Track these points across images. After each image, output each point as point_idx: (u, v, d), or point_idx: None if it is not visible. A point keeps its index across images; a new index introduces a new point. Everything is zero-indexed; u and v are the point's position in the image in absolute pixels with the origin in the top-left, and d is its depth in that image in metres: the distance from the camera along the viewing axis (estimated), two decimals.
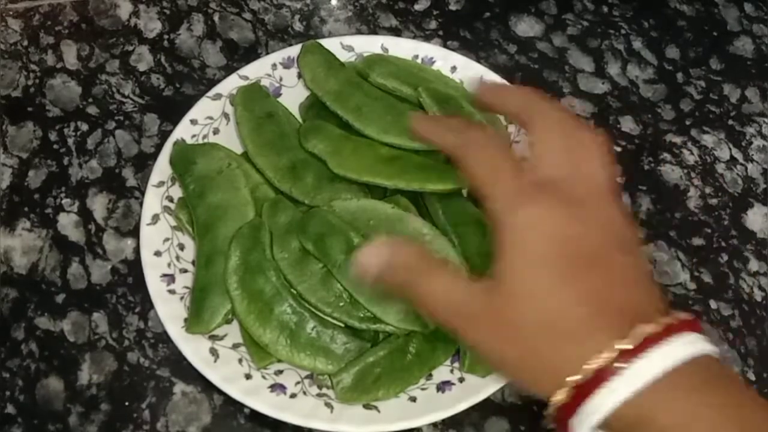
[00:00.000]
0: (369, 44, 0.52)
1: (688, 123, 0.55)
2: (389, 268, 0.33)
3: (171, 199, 0.46)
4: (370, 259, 0.34)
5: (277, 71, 0.51)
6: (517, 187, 0.33)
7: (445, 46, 0.56)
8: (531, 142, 0.36)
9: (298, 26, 0.58)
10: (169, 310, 0.42)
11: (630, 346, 0.29)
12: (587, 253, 0.32)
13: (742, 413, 0.29)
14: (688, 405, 0.29)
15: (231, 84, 0.50)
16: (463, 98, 0.48)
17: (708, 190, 0.53)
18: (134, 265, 0.48)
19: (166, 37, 0.57)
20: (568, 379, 0.29)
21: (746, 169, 0.54)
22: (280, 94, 0.51)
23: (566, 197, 0.33)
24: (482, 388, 0.41)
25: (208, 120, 0.49)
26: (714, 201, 0.52)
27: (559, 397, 0.30)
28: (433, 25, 0.58)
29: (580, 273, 0.31)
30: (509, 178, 0.34)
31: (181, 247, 0.45)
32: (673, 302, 0.48)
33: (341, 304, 0.42)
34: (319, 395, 0.41)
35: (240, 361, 0.42)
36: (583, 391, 0.29)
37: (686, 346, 0.30)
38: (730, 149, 0.55)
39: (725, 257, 0.50)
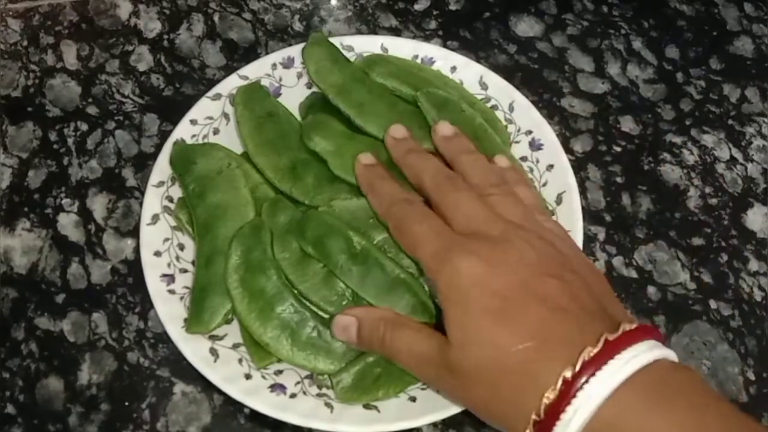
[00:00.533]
0: (369, 44, 0.52)
1: (688, 123, 0.55)
2: (361, 333, 0.39)
3: (171, 199, 0.46)
4: (344, 328, 0.40)
5: (276, 71, 0.51)
6: (438, 247, 0.36)
7: (445, 46, 0.56)
8: (435, 207, 0.39)
9: (297, 26, 0.58)
10: (169, 310, 0.42)
11: (572, 372, 0.30)
12: (518, 289, 0.33)
13: (697, 415, 0.30)
14: (643, 415, 0.30)
15: (231, 84, 0.50)
16: (462, 100, 0.48)
17: (708, 190, 0.53)
18: (134, 265, 0.48)
19: (165, 37, 0.57)
20: (532, 417, 0.31)
21: (746, 169, 0.54)
22: (280, 94, 0.51)
23: (486, 240, 0.35)
24: None
25: (208, 120, 0.49)
26: (714, 201, 0.52)
27: (533, 419, 0.31)
28: (433, 25, 0.58)
29: (515, 310, 0.33)
30: (431, 241, 0.37)
31: (181, 247, 0.45)
32: (672, 302, 0.48)
33: (344, 302, 0.42)
34: (319, 395, 0.41)
35: (240, 361, 0.42)
36: (545, 426, 0.30)
37: (637, 358, 0.30)
38: (730, 149, 0.55)
39: (725, 257, 0.50)
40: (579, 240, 0.44)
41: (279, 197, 0.46)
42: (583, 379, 0.30)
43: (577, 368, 0.30)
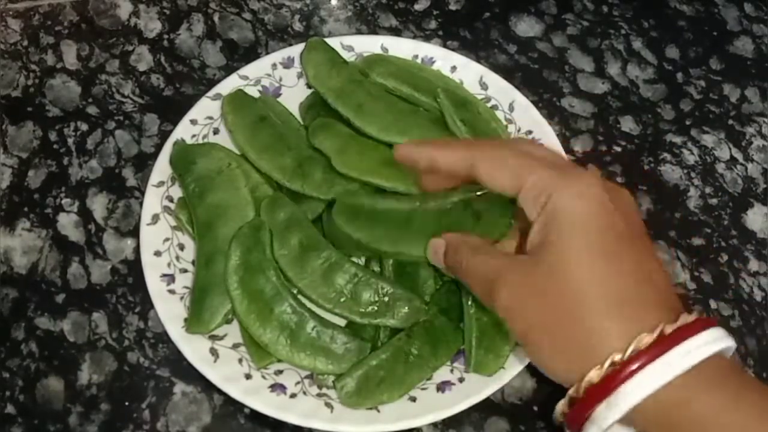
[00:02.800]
0: (369, 44, 0.52)
1: (688, 123, 0.55)
2: (446, 256, 0.38)
3: (171, 199, 0.46)
4: (435, 252, 0.39)
5: (277, 71, 0.51)
6: (552, 172, 0.33)
7: (444, 46, 0.56)
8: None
9: (298, 26, 0.58)
10: (169, 310, 0.42)
11: (670, 330, 0.29)
12: (628, 233, 0.32)
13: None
14: (726, 391, 0.29)
15: (231, 84, 0.50)
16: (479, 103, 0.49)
17: (708, 190, 0.53)
18: (134, 265, 0.48)
19: (166, 37, 0.57)
20: (613, 357, 0.29)
21: (746, 169, 0.54)
22: (280, 94, 0.51)
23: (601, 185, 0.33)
24: (482, 388, 0.41)
25: (208, 120, 0.49)
26: (714, 201, 0.52)
27: (593, 376, 0.29)
28: (433, 25, 0.58)
29: (625, 250, 0.31)
30: (543, 167, 0.34)
31: (181, 247, 0.45)
32: None
33: (342, 299, 0.42)
34: (319, 395, 0.41)
35: (240, 361, 0.42)
36: (619, 373, 0.29)
37: (720, 339, 0.30)
38: (730, 149, 0.55)
39: (725, 257, 0.50)
40: None
41: (278, 194, 0.46)
42: (680, 341, 0.29)
43: (651, 340, 0.29)
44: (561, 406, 0.32)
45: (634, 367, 0.29)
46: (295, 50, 0.51)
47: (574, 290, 0.31)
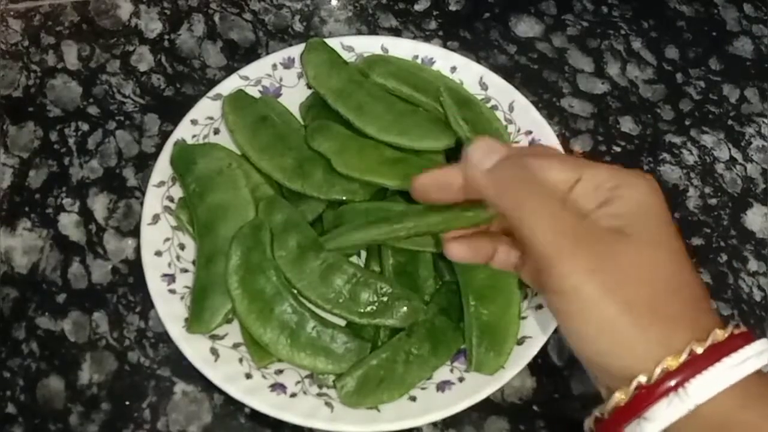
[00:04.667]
0: (369, 44, 0.52)
1: (687, 123, 0.56)
2: (499, 175, 0.31)
3: (171, 199, 0.46)
4: (484, 152, 0.31)
5: (277, 71, 0.51)
6: (609, 167, 0.32)
7: (445, 46, 0.56)
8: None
9: (298, 27, 0.58)
10: (170, 310, 0.43)
11: (700, 350, 0.28)
12: (682, 251, 0.31)
13: None
14: (753, 415, 0.28)
15: (231, 84, 0.50)
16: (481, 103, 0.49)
17: (707, 190, 0.53)
18: (135, 265, 0.48)
19: (166, 37, 0.57)
20: (639, 379, 0.28)
21: (745, 169, 0.54)
22: (281, 95, 0.51)
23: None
24: (482, 387, 0.41)
25: (209, 120, 0.49)
26: (713, 201, 0.53)
27: (619, 397, 0.28)
28: (433, 25, 0.59)
29: (684, 259, 0.30)
30: (597, 165, 0.32)
31: (182, 246, 0.45)
32: None
33: (341, 300, 0.42)
34: (319, 395, 0.41)
35: (240, 360, 0.42)
36: (644, 397, 0.28)
37: (755, 356, 0.28)
38: (729, 149, 0.55)
39: (724, 257, 0.50)
40: None
41: (275, 196, 0.46)
42: (682, 381, 0.28)
43: (680, 362, 0.28)
44: (587, 424, 0.31)
45: (659, 390, 0.28)
46: (296, 50, 0.51)
47: (646, 292, 0.29)
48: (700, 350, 0.28)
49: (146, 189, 0.46)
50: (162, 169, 0.47)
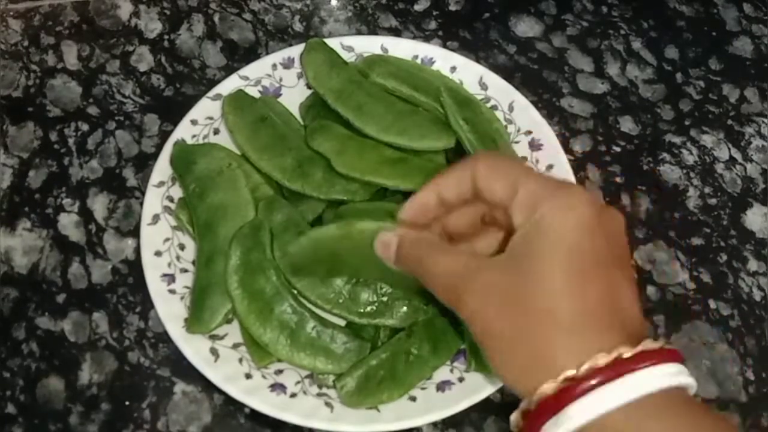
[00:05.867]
0: (369, 44, 0.52)
1: (687, 123, 0.56)
2: (400, 251, 0.36)
3: (171, 199, 0.46)
4: (385, 246, 0.37)
5: (277, 71, 0.51)
6: (546, 183, 0.33)
7: (444, 46, 0.56)
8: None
9: (298, 27, 0.58)
10: (170, 310, 0.43)
11: (629, 354, 0.29)
12: (609, 257, 0.32)
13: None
14: (679, 424, 0.29)
15: (231, 84, 0.50)
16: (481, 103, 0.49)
17: (707, 190, 0.53)
18: (135, 265, 0.48)
19: (166, 37, 0.57)
20: (567, 372, 0.29)
21: (745, 169, 0.54)
22: (280, 95, 0.51)
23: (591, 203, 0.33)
24: (482, 387, 0.41)
25: (209, 120, 0.49)
26: (713, 201, 0.53)
27: (546, 389, 0.29)
28: (433, 25, 0.59)
29: (600, 273, 0.31)
30: (537, 177, 0.33)
31: (182, 247, 0.45)
32: (672, 302, 0.49)
33: (340, 300, 0.42)
34: (319, 395, 0.41)
35: (240, 360, 0.42)
36: (571, 390, 0.29)
37: (678, 373, 0.29)
38: (729, 149, 0.55)
39: (724, 257, 0.50)
40: None
41: (274, 197, 0.46)
42: (638, 366, 0.29)
43: (608, 361, 0.29)
44: (514, 417, 0.31)
45: (585, 385, 0.29)
46: (295, 51, 0.51)
47: (542, 303, 0.31)
48: (627, 354, 0.29)
49: (146, 189, 0.46)
50: (162, 169, 0.47)
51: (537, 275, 0.31)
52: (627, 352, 0.29)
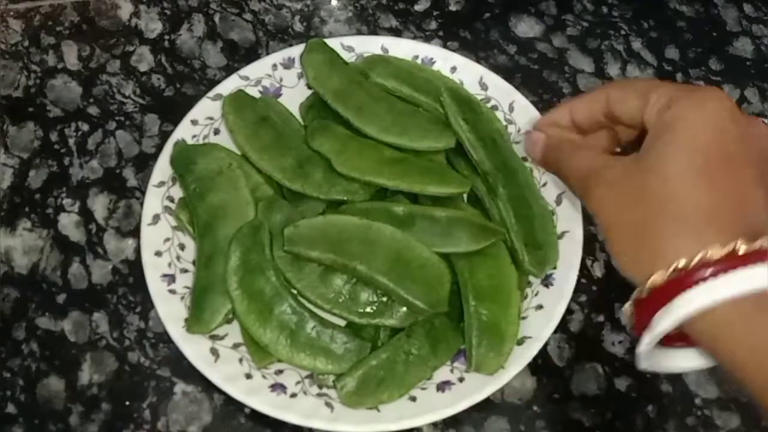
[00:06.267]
0: (369, 45, 0.52)
1: None
2: (546, 149, 0.40)
3: (172, 199, 0.46)
4: (534, 143, 0.41)
5: (277, 72, 0.51)
6: (679, 86, 0.34)
7: (445, 46, 0.56)
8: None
9: (298, 27, 0.58)
10: (170, 310, 0.43)
11: (745, 249, 0.29)
12: (740, 157, 0.32)
13: None
14: (764, 329, 0.28)
15: (231, 84, 0.50)
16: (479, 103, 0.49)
17: None
18: (135, 265, 0.48)
19: (166, 37, 0.57)
20: (679, 262, 0.29)
21: None
22: (281, 95, 0.51)
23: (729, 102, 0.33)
24: (482, 387, 0.41)
25: (209, 120, 0.49)
26: None
27: (657, 278, 0.30)
28: (433, 25, 0.59)
29: (728, 171, 0.31)
30: (669, 84, 0.34)
31: (182, 247, 0.45)
32: None
33: (340, 300, 0.42)
34: (319, 395, 0.41)
35: (240, 360, 0.42)
36: (682, 280, 0.29)
37: None
38: None
39: None
40: (579, 239, 0.45)
41: (274, 197, 0.46)
42: (750, 263, 0.29)
43: (723, 254, 0.29)
44: (627, 307, 0.32)
45: (696, 276, 0.29)
46: (296, 51, 0.51)
47: (664, 195, 0.31)
48: (742, 250, 0.29)
49: (146, 189, 0.46)
50: (162, 169, 0.47)
51: (662, 169, 0.32)
52: (743, 248, 0.29)
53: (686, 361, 0.33)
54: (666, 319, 0.29)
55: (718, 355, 0.30)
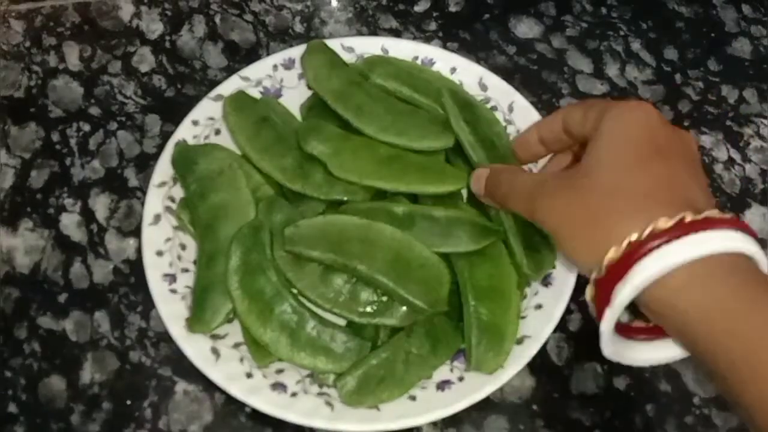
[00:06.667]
0: (369, 45, 0.52)
1: (686, 124, 0.56)
2: (488, 181, 0.42)
3: (173, 199, 0.47)
4: (478, 178, 0.43)
5: (278, 72, 0.51)
6: (612, 102, 0.37)
7: (444, 47, 0.56)
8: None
9: (298, 27, 0.58)
10: (171, 310, 0.43)
11: (691, 218, 0.30)
12: (670, 150, 0.34)
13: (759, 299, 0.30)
14: (742, 285, 0.30)
15: (232, 85, 0.50)
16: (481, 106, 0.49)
17: None
18: (136, 265, 0.48)
19: (167, 38, 0.57)
20: (631, 237, 0.31)
21: (744, 169, 0.54)
22: (281, 95, 0.51)
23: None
24: (481, 386, 0.41)
25: (210, 121, 0.49)
26: None
27: (612, 254, 0.31)
28: (433, 26, 0.59)
29: (661, 160, 0.34)
30: (604, 100, 0.38)
31: (183, 246, 0.46)
32: None
33: (341, 299, 0.43)
34: (319, 394, 0.41)
35: (241, 360, 0.42)
36: (636, 251, 0.30)
37: (744, 240, 0.30)
38: (728, 150, 0.55)
39: None
40: None
41: (274, 197, 0.46)
42: (672, 236, 0.30)
43: (671, 224, 0.30)
44: (588, 289, 0.33)
45: (649, 245, 0.30)
46: (296, 51, 0.51)
47: (609, 186, 0.33)
48: (689, 218, 0.30)
49: (147, 189, 0.46)
50: (163, 169, 0.47)
51: (602, 165, 0.34)
52: (690, 218, 0.30)
53: (648, 352, 0.34)
54: (624, 289, 0.31)
55: (677, 326, 0.31)
